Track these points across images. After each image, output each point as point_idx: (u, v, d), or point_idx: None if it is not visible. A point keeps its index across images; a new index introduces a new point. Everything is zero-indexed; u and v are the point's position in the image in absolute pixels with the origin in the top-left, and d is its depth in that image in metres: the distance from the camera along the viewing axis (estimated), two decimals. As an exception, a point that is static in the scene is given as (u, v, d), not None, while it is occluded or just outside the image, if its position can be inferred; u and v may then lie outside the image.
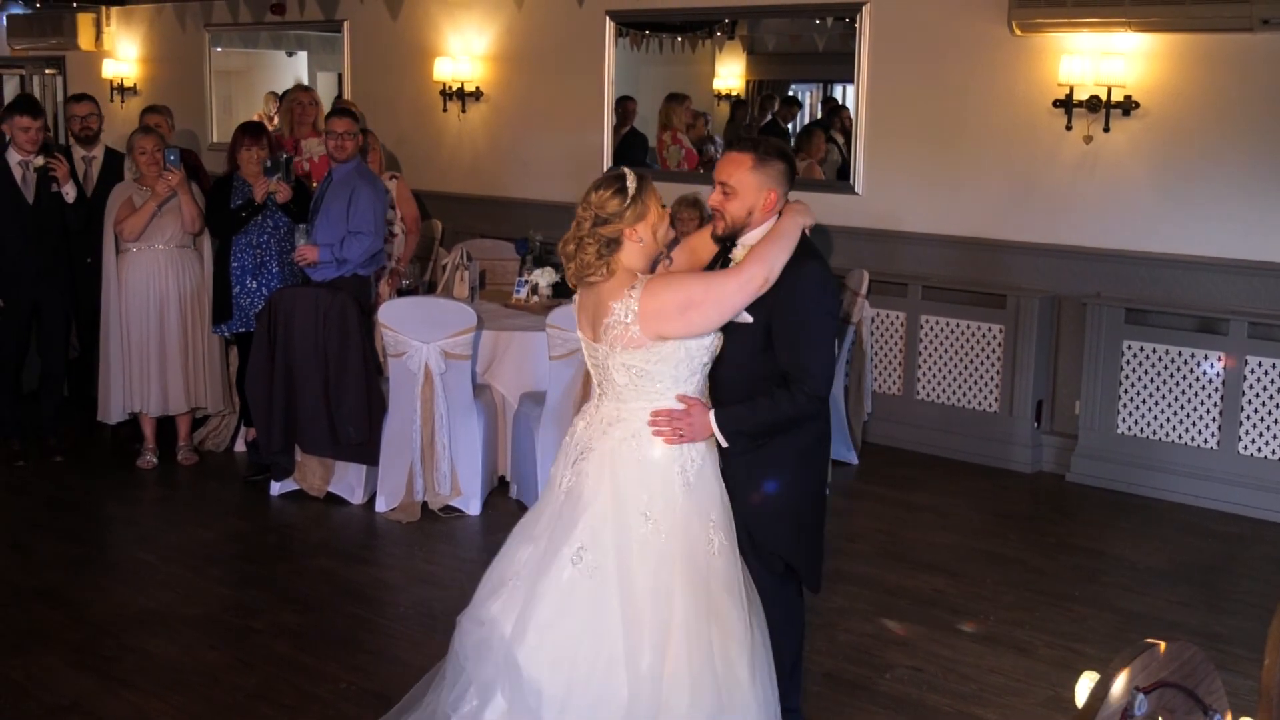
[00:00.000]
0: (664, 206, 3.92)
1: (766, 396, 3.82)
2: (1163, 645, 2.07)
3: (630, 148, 9.70)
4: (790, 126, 9.68)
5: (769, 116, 9.74)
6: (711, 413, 3.82)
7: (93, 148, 8.15)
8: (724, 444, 3.83)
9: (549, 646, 3.72)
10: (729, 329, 3.84)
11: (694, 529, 3.77)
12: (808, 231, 3.89)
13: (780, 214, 3.92)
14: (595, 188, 3.83)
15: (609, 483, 3.79)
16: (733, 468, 3.90)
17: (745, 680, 3.73)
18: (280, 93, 10.95)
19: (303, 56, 13.02)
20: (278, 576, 6.00)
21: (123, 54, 13.33)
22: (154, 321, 7.41)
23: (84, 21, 13.48)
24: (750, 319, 3.83)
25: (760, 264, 3.75)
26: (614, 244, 3.79)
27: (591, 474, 3.82)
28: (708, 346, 3.83)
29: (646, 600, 3.68)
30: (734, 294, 3.74)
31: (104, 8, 13.33)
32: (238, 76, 13.05)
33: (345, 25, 11.30)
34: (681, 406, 3.79)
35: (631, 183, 3.79)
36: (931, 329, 8.11)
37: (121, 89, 13.25)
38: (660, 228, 3.86)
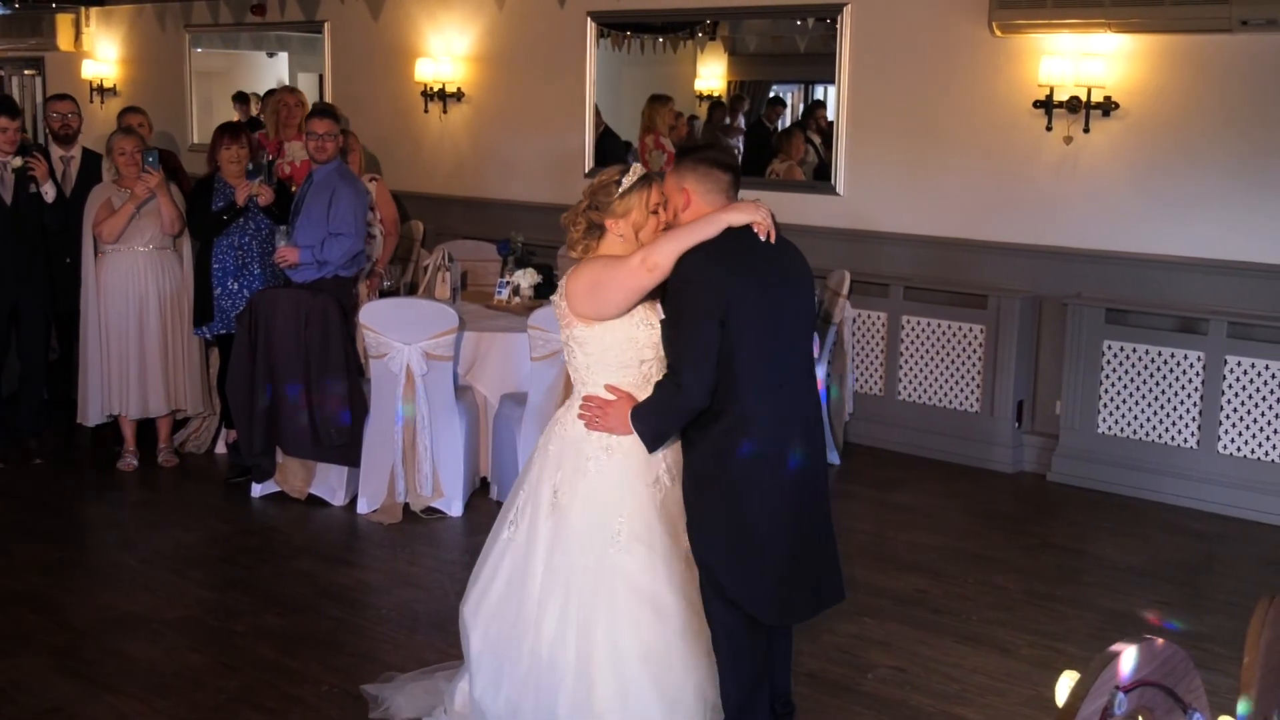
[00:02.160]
0: (657, 212, 3.95)
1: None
2: (1143, 643, 2.08)
3: (605, 150, 9.70)
4: (778, 126, 9.70)
5: (741, 117, 9.74)
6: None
7: (71, 147, 8.13)
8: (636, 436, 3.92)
9: (480, 603, 4.17)
10: None
11: (594, 517, 3.95)
12: (760, 232, 3.82)
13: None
14: (603, 171, 4.03)
15: (540, 454, 4.11)
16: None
17: (639, 681, 3.93)
18: (249, 93, 10.89)
19: (283, 57, 12.98)
20: (259, 579, 5.99)
21: (102, 55, 13.28)
22: (133, 323, 7.39)
23: (63, 22, 13.44)
24: (664, 316, 3.91)
25: (648, 250, 3.84)
26: (597, 229, 3.99)
27: (538, 445, 4.16)
28: (641, 341, 3.91)
29: (546, 572, 4.00)
30: (626, 277, 3.85)
31: (83, 8, 13.28)
32: (218, 77, 13.01)
33: (326, 26, 11.28)
34: (611, 397, 3.94)
35: (627, 180, 3.93)
36: (913, 329, 8.13)
37: (101, 90, 13.20)
38: (644, 229, 3.94)
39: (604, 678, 3.92)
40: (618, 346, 3.94)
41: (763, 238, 3.83)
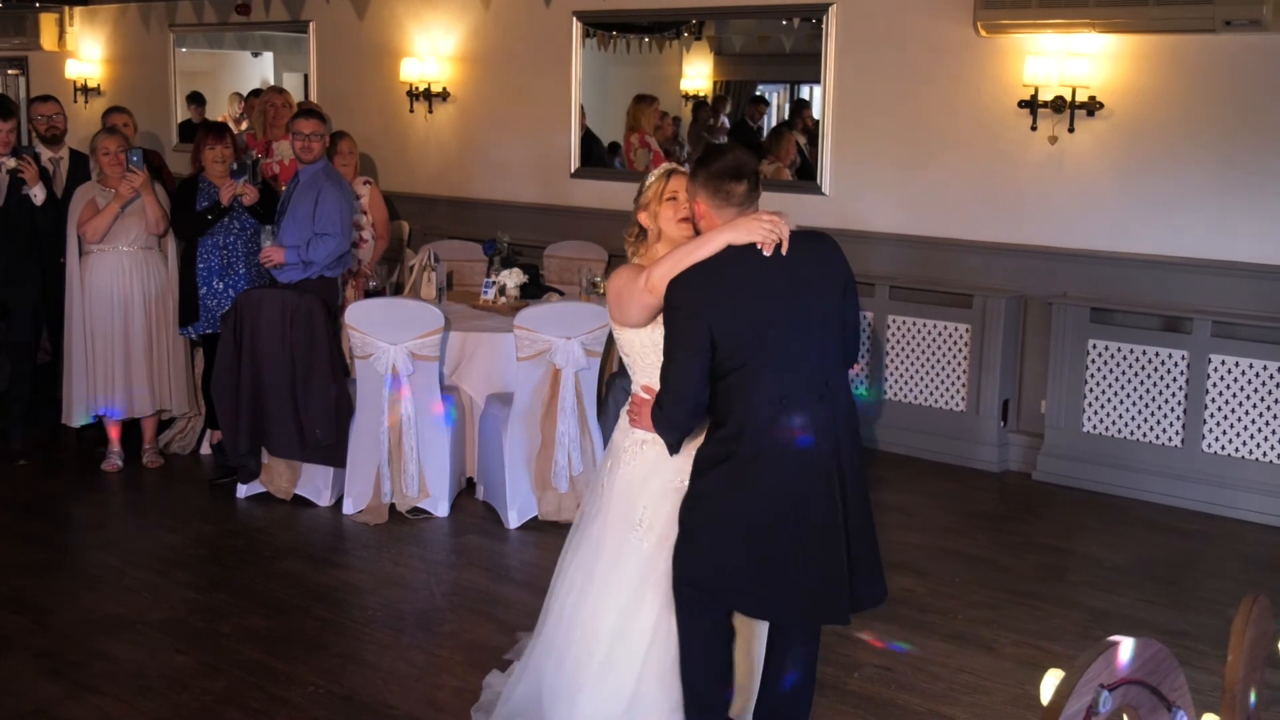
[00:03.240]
0: (674, 198, 3.99)
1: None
2: (1126, 642, 2.09)
3: (587, 151, 9.70)
4: (762, 125, 9.71)
5: (724, 117, 9.74)
6: None
7: (58, 148, 8.10)
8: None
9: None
10: None
11: (622, 503, 4.10)
12: (766, 249, 3.73)
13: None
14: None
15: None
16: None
17: (589, 666, 4.12)
18: (245, 93, 10.89)
19: (268, 57, 12.96)
20: (245, 580, 5.97)
21: (86, 54, 13.24)
22: (118, 324, 7.37)
23: (47, 21, 13.39)
24: None
25: (650, 269, 3.87)
26: (643, 232, 4.10)
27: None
28: (659, 345, 3.93)
29: (581, 549, 4.24)
30: (636, 294, 3.88)
31: (67, 8, 13.23)
32: (203, 77, 12.98)
33: (311, 26, 11.25)
34: (647, 396, 3.99)
35: (652, 173, 4.06)
36: (899, 329, 8.14)
37: (85, 90, 13.16)
38: (662, 218, 4.01)
39: (608, 652, 4.10)
40: (645, 351, 4.01)
41: (767, 254, 3.72)
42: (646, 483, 4.07)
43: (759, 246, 3.72)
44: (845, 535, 3.78)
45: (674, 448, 3.93)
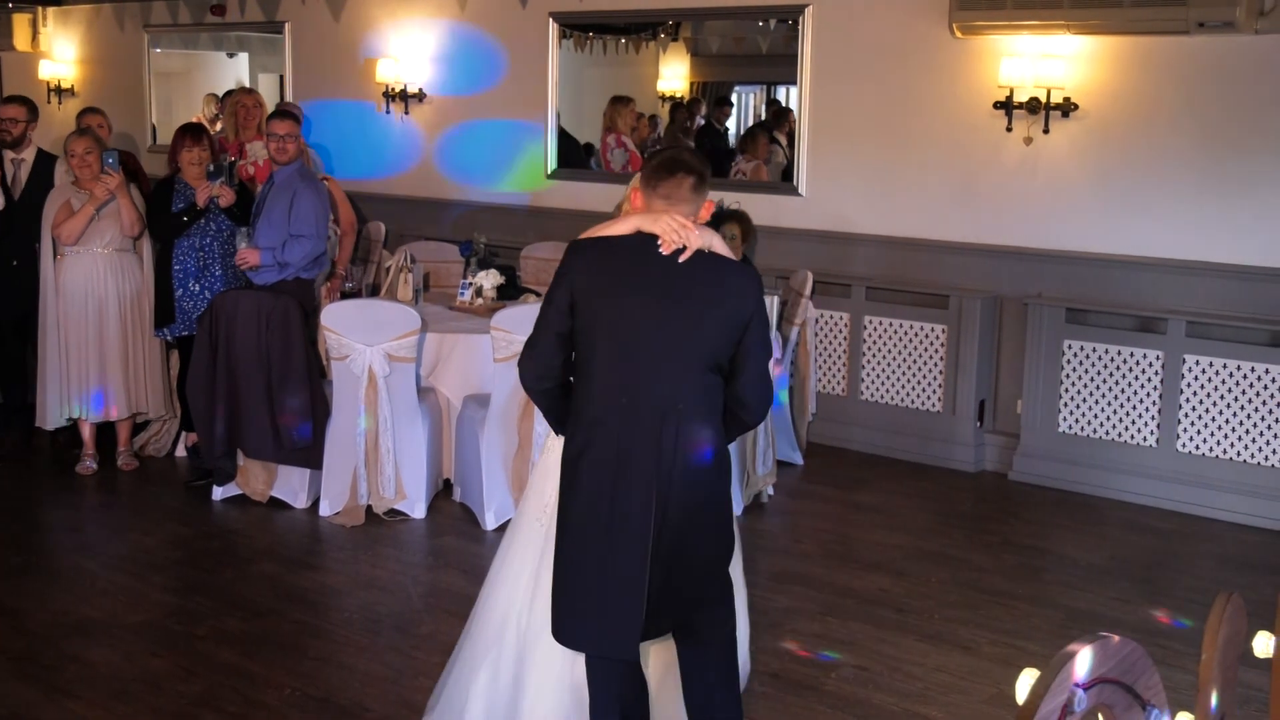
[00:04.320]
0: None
1: None
2: (1102, 640, 2.10)
3: (562, 152, 9.69)
4: (728, 127, 9.72)
5: (699, 119, 9.75)
6: None
7: (21, 149, 8.02)
8: None
9: None
10: None
11: (532, 493, 4.21)
12: (665, 248, 3.64)
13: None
14: None
15: None
16: None
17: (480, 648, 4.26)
18: (221, 95, 10.86)
19: (244, 58, 12.90)
20: (221, 582, 5.95)
21: (60, 55, 13.17)
22: (93, 326, 7.33)
23: (20, 22, 13.31)
24: None
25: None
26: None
27: None
28: None
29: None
30: None
31: (40, 8, 13.16)
32: (178, 78, 12.92)
33: (286, 26, 11.22)
34: None
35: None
36: (875, 330, 8.16)
37: (59, 90, 13.09)
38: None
39: (499, 633, 4.20)
40: None
41: (665, 252, 3.63)
42: (553, 473, 3.97)
43: (659, 243, 3.64)
44: (656, 567, 3.62)
45: (554, 427, 3.90)
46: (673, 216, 3.65)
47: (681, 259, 3.62)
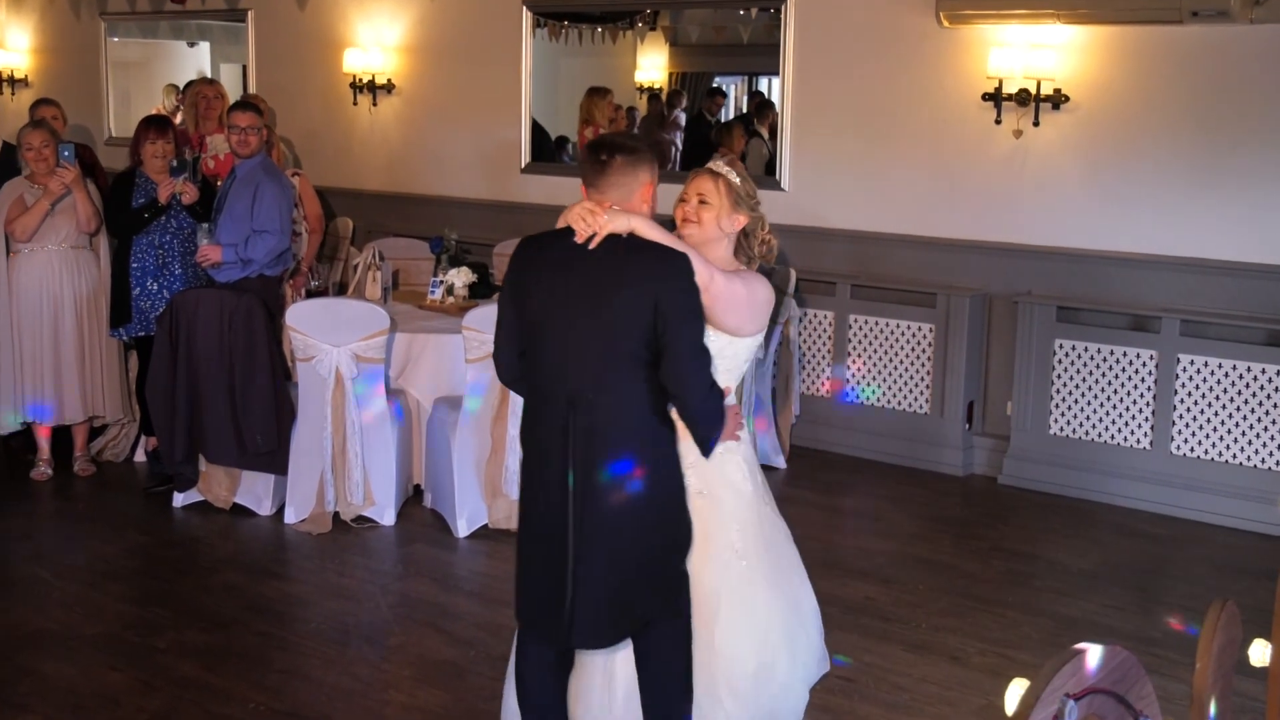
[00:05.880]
0: (684, 200, 4.12)
1: None
2: (1093, 650, 2.11)
3: (535, 145, 9.69)
4: (720, 118, 9.73)
5: (679, 112, 9.76)
6: None
7: None
8: None
9: None
10: None
11: None
12: (579, 238, 3.73)
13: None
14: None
15: None
16: None
17: None
18: (182, 85, 10.82)
19: (205, 47, 12.86)
20: (182, 593, 5.94)
21: (13, 44, 13.09)
22: (48, 326, 7.30)
23: (-29, 10, 13.24)
24: None
25: None
26: None
27: None
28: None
29: None
30: None
31: (-8, -5, 13.10)
32: (136, 68, 12.86)
33: (250, 15, 11.17)
34: None
35: None
36: (860, 329, 8.18)
37: (12, 81, 13.01)
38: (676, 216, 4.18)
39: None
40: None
41: (578, 240, 3.70)
42: None
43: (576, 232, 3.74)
44: (573, 558, 3.74)
45: None
46: (583, 204, 3.75)
47: (591, 245, 3.70)
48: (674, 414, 3.85)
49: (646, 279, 3.68)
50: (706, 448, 3.91)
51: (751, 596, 4.12)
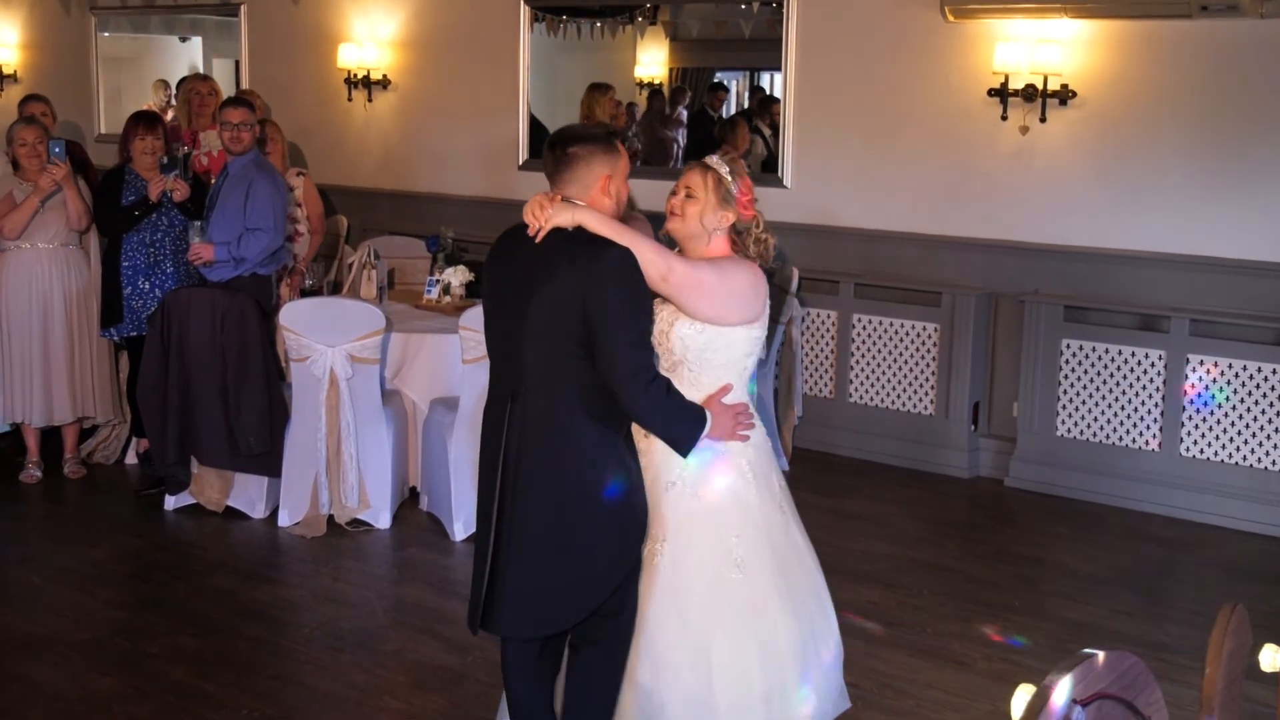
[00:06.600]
0: (674, 193, 4.05)
1: None
2: (1101, 655, 2.10)
3: (535, 142, 9.67)
4: (721, 113, 9.73)
5: (681, 109, 9.75)
6: None
7: None
8: None
9: None
10: None
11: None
12: (530, 230, 3.79)
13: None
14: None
15: None
16: None
17: None
18: (173, 81, 10.82)
19: (197, 42, 12.87)
20: (174, 597, 5.93)
21: (1, 39, 13.09)
22: (37, 326, 7.30)
23: (-42, 5, 13.24)
24: None
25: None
26: None
27: None
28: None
29: None
30: None
31: (-20, -10, 13.10)
32: (127, 64, 12.87)
33: (243, 9, 11.18)
34: None
35: None
36: (864, 328, 8.17)
37: (1, 76, 13.02)
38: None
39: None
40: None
41: (530, 233, 3.75)
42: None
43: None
44: (495, 547, 3.80)
45: None
46: (536, 196, 3.80)
47: (538, 239, 3.73)
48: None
49: (573, 275, 3.65)
50: (679, 449, 3.84)
51: (752, 611, 3.99)
